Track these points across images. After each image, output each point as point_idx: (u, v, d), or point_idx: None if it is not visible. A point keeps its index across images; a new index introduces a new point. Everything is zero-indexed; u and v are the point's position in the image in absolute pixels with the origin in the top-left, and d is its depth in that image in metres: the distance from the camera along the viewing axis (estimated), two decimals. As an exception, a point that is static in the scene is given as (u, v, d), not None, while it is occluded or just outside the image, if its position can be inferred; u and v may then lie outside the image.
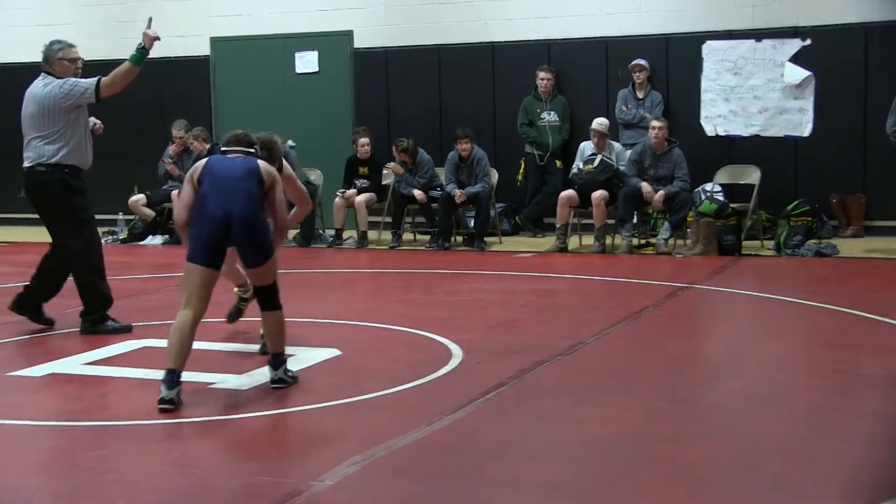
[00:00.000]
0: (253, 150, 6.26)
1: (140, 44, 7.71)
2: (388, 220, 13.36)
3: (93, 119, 8.08)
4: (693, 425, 5.57)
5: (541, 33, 13.76)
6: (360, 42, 14.51)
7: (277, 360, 6.27)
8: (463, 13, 14.08)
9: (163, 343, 6.82)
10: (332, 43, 14.62)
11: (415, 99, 14.28)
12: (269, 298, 6.25)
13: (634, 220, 12.32)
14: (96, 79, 7.73)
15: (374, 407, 5.92)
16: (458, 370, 6.67)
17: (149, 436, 5.61)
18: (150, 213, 13.99)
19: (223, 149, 6.28)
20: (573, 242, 12.56)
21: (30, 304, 8.06)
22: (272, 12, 14.76)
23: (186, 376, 6.40)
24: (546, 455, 5.10)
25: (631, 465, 4.93)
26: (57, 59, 7.84)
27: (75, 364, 7.01)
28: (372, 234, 13.23)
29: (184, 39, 14.97)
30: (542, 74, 13.48)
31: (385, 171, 13.44)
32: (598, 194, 12.11)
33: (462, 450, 5.20)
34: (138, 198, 14.01)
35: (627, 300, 9.14)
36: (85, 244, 7.90)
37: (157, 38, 7.77)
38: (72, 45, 7.94)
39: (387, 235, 13.26)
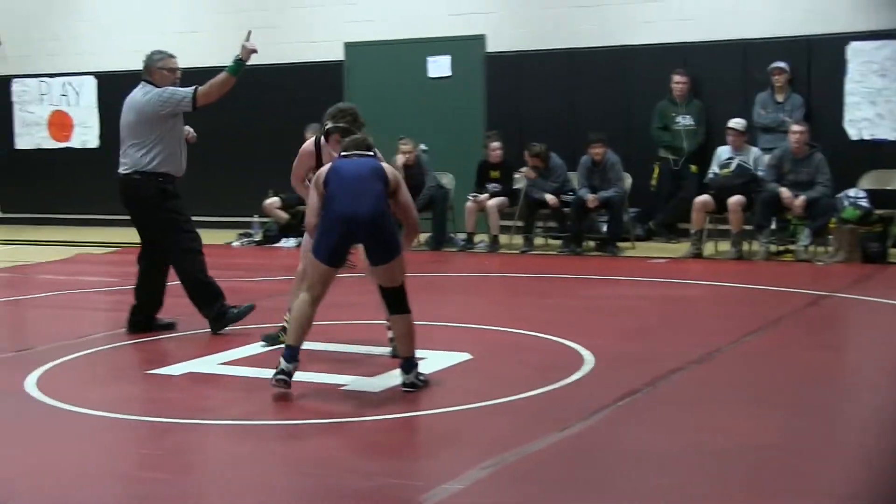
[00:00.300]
0: (372, 154, 6.32)
1: (238, 55, 7.84)
2: (520, 224, 13.30)
3: (187, 128, 8.23)
4: (828, 439, 5.39)
5: (676, 36, 13.55)
6: (492, 46, 14.49)
7: (408, 364, 6.26)
8: (597, 16, 13.95)
9: (315, 347, 6.90)
10: (464, 47, 14.62)
11: (547, 103, 14.18)
12: (397, 301, 6.26)
13: (772, 226, 12.03)
14: (193, 88, 7.89)
15: (504, 411, 5.87)
16: (590, 376, 6.58)
17: (279, 435, 5.66)
18: (284, 215, 14.17)
19: (342, 153, 6.34)
20: (708, 248, 12.33)
21: (144, 320, 8.16)
22: (406, 17, 14.84)
23: (317, 377, 6.49)
24: (678, 465, 4.99)
25: (763, 477, 4.79)
26: (157, 69, 8.04)
27: (212, 363, 7.12)
28: (503, 239, 13.19)
29: (318, 45, 15.16)
30: (676, 78, 13.28)
31: (517, 176, 13.39)
32: (735, 199, 11.87)
33: (593, 457, 5.13)
34: (272, 200, 14.21)
35: (764, 308, 8.92)
36: (184, 246, 8.02)
37: (255, 51, 7.92)
38: (171, 56, 8.14)
39: (518, 240, 13.21)
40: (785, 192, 11.65)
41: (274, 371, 6.19)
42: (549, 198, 12.80)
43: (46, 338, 8.06)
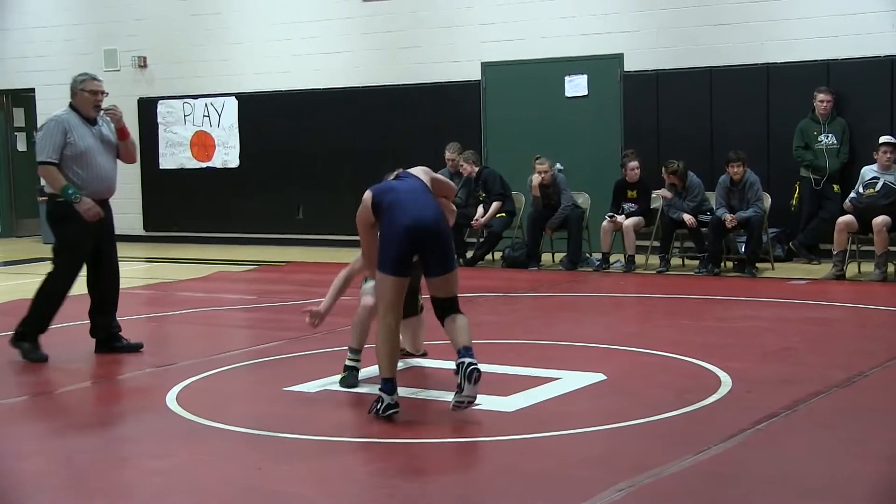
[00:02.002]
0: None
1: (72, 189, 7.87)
2: (656, 244, 13.15)
3: (111, 105, 8.12)
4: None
5: (820, 53, 13.25)
6: (630, 65, 14.38)
7: (468, 352, 6.13)
8: (738, 35, 13.73)
9: (433, 364, 6.92)
10: (602, 66, 14.55)
11: (685, 121, 14.01)
12: (453, 305, 6.31)
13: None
14: (43, 160, 7.84)
15: (639, 433, 5.80)
16: (727, 399, 6.47)
17: (413, 454, 5.68)
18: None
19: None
20: (851, 270, 12.01)
21: (100, 332, 8.32)
22: (543, 37, 14.82)
23: (451, 397, 6.48)
24: (820, 491, 4.86)
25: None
26: (79, 91, 8.06)
27: (346, 380, 7.17)
28: (639, 259, 13.06)
29: (456, 65, 15.25)
30: (820, 96, 12.98)
31: (654, 195, 13.25)
32: (880, 220, 11.54)
33: (731, 481, 5.03)
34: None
35: (911, 332, 8.65)
36: (57, 270, 8.07)
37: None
38: (95, 78, 8.11)
39: (654, 260, 13.06)
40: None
41: (379, 407, 6.16)
42: (687, 217, 12.63)
43: (186, 354, 8.25)
